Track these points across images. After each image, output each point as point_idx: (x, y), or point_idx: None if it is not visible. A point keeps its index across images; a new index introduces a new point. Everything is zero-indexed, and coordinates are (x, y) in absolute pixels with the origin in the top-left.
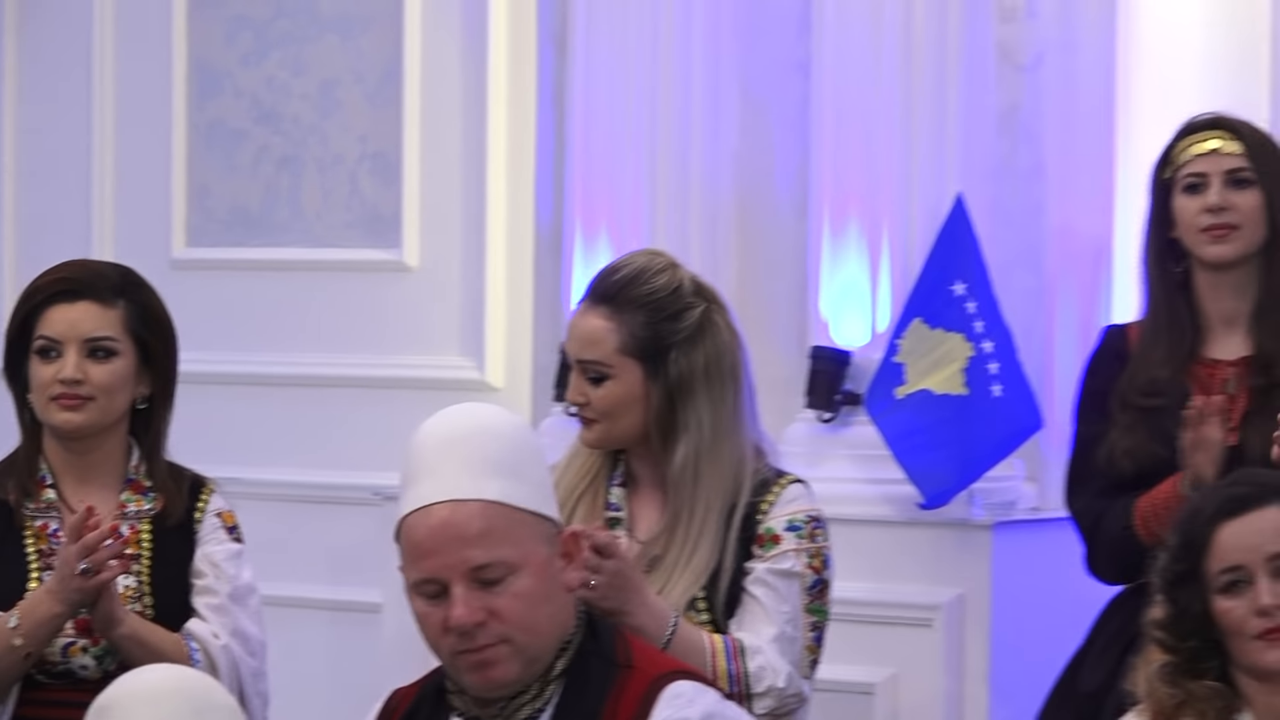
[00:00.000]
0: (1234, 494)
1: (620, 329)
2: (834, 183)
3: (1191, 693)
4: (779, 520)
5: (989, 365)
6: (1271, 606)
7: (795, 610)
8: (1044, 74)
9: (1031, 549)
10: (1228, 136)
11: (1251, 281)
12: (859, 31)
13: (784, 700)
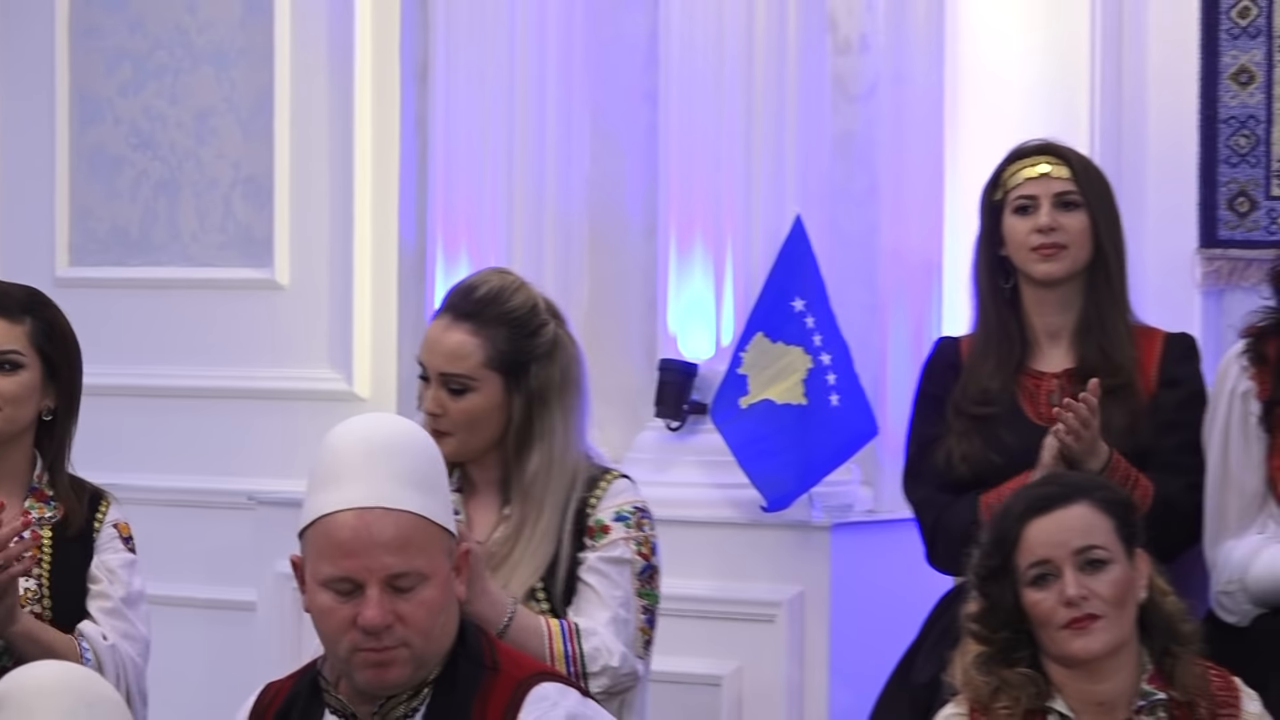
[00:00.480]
0: (1042, 493)
1: (485, 344)
2: (680, 205)
3: (1005, 680)
4: (608, 512)
5: (827, 376)
6: (1077, 597)
7: (627, 595)
8: (877, 103)
9: (868, 548)
10: (1056, 161)
11: (1076, 298)
12: (703, 64)
13: (619, 678)
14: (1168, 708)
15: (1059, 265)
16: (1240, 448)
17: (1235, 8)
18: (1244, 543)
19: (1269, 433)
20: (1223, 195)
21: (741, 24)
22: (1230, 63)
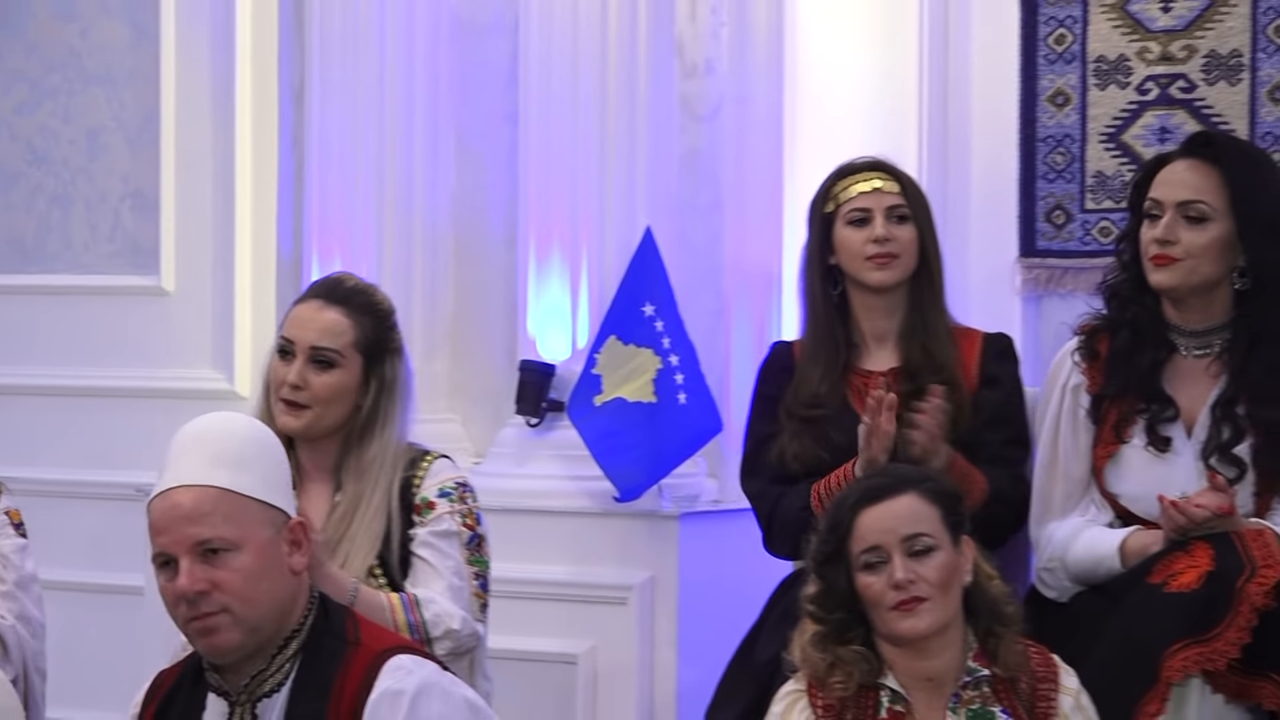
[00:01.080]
0: (873, 484)
1: (355, 327)
2: (539, 217)
3: (840, 657)
4: (432, 489)
5: (675, 376)
6: (904, 581)
7: (459, 563)
8: (721, 123)
9: (713, 536)
10: (887, 178)
11: (901, 303)
12: (559, 87)
13: (461, 640)
14: (991, 683)
15: (891, 273)
16: (1069, 437)
17: (1052, 35)
18: (1066, 524)
19: (1096, 424)
20: (1041, 208)
21: (595, 50)
22: (1048, 86)
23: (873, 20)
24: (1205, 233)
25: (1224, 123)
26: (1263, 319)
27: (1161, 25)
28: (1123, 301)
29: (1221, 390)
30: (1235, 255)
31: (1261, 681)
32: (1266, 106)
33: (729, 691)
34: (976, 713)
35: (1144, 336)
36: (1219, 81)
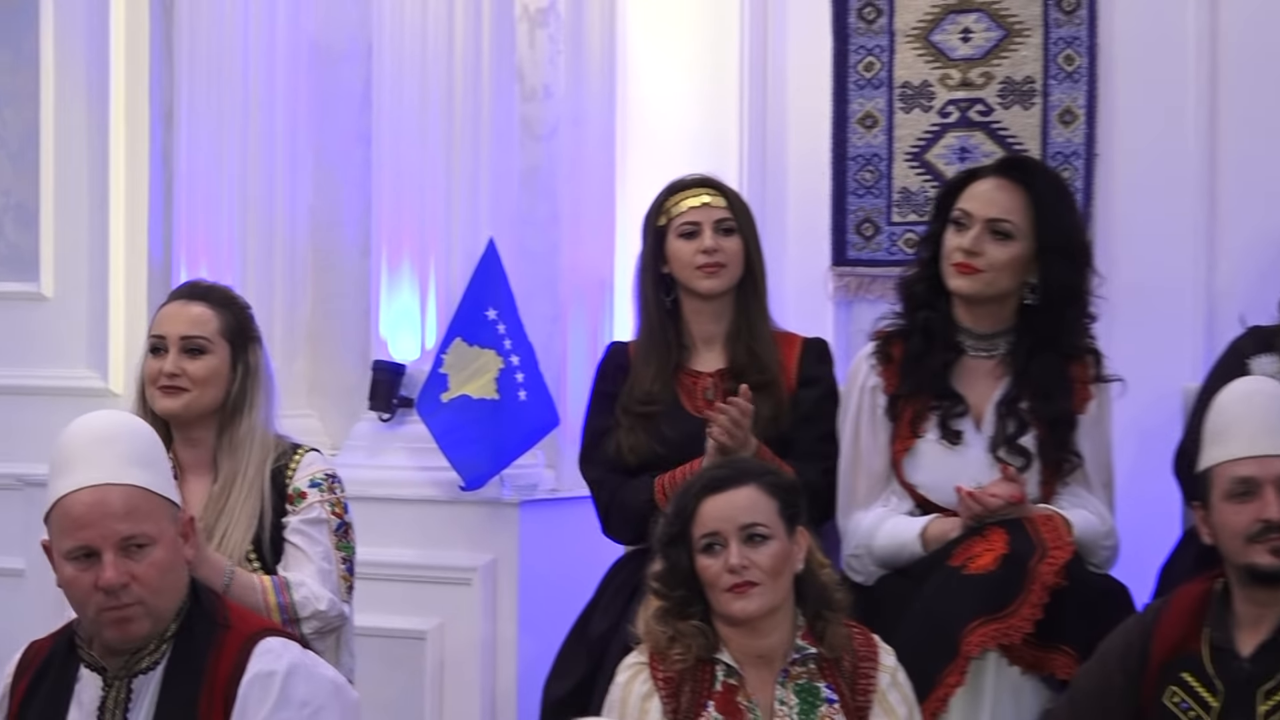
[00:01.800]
0: (718, 475)
1: (218, 317)
2: (390, 229)
3: (680, 631)
4: (303, 480)
5: (516, 375)
6: (739, 566)
7: (327, 549)
8: (558, 143)
9: (550, 522)
10: (715, 193)
11: (728, 309)
12: (409, 109)
13: (328, 620)
14: (817, 660)
15: (720, 281)
16: (869, 433)
17: (861, 62)
18: (870, 514)
19: (893, 421)
20: (851, 221)
21: (442, 75)
22: (857, 109)
23: (698, 49)
24: (1008, 249)
25: (1019, 144)
26: (1044, 328)
27: (961, 54)
28: (917, 301)
29: (1006, 389)
30: (1030, 272)
31: (1053, 653)
32: (1056, 128)
33: (565, 664)
34: (803, 687)
35: (934, 339)
36: (1014, 106)
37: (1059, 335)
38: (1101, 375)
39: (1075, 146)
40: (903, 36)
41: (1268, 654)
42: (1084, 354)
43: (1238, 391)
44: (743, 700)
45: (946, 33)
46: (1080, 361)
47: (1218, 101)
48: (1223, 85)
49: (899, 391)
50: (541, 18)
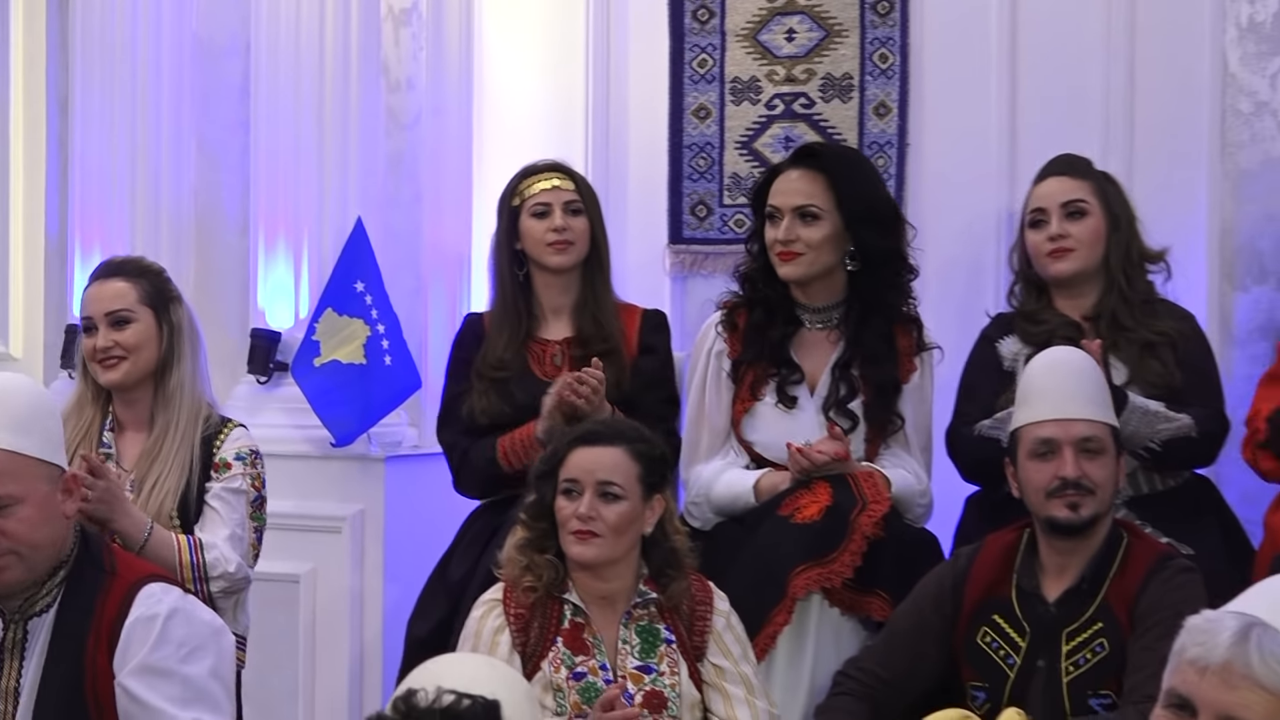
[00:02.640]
0: (595, 429)
1: (137, 288)
2: (267, 209)
3: (534, 562)
4: (230, 452)
5: (382, 342)
6: (586, 516)
7: (242, 518)
8: (420, 131)
9: (413, 476)
10: (564, 177)
11: (575, 283)
12: (284, 100)
13: (234, 582)
14: (658, 604)
15: (568, 257)
16: (713, 394)
17: (696, 59)
18: (710, 466)
19: (735, 383)
20: (686, 204)
21: (314, 69)
22: (692, 102)
23: (547, 45)
24: (819, 229)
25: (838, 134)
26: (871, 293)
27: (786, 52)
28: (755, 286)
29: (839, 354)
30: (845, 243)
31: (870, 597)
32: (872, 120)
33: (426, 605)
34: (644, 628)
35: (775, 314)
36: (834, 99)
37: (884, 294)
38: (923, 344)
39: (889, 136)
40: (733, 36)
41: (1072, 599)
42: (908, 323)
43: (1044, 361)
44: (588, 636)
45: (773, 33)
46: (905, 332)
47: (1017, 95)
48: (1021, 80)
49: (742, 358)
50: (405, 17)
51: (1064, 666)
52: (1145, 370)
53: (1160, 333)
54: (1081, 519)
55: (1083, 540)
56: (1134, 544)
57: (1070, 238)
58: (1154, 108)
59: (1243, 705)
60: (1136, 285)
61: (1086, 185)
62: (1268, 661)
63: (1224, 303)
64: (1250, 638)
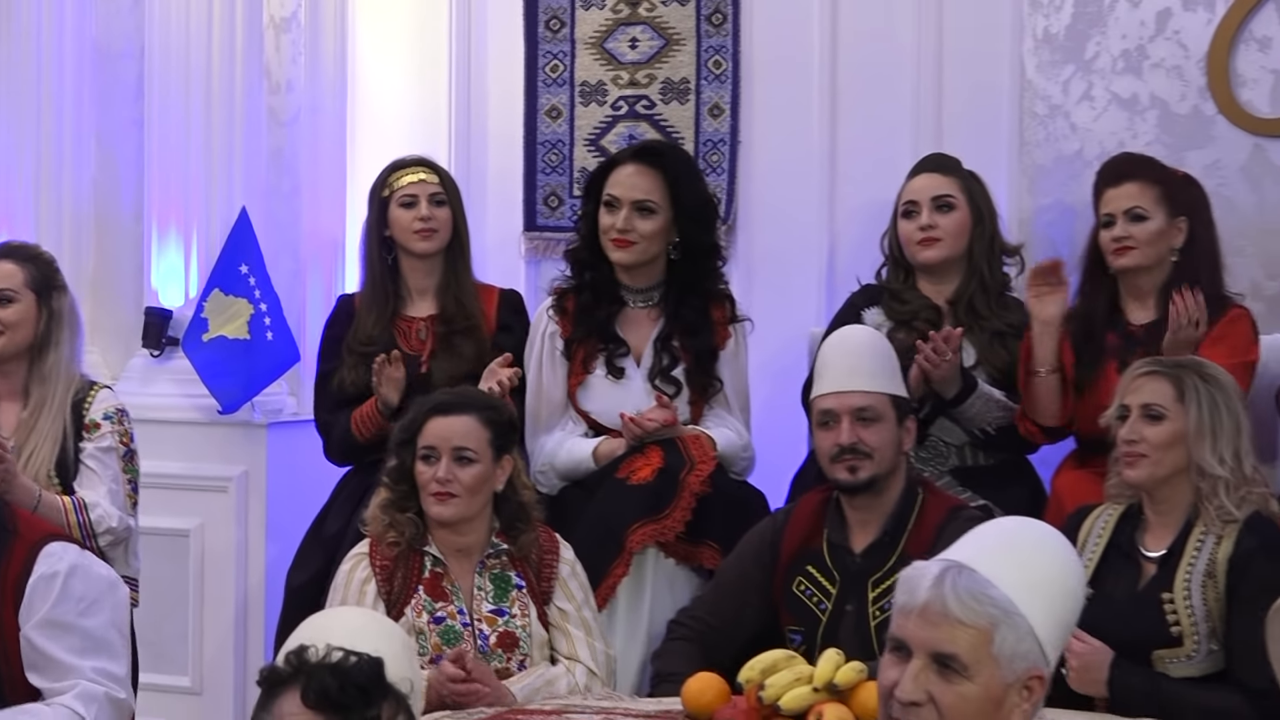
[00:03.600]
0: (448, 399)
1: (23, 271)
2: (160, 199)
3: (396, 520)
4: (98, 413)
5: (264, 319)
6: (444, 479)
7: (116, 472)
8: (299, 128)
9: (292, 440)
10: (429, 171)
11: (439, 266)
12: (175, 99)
13: (117, 534)
14: (509, 554)
15: (433, 244)
16: (549, 372)
17: (548, 65)
18: (553, 437)
19: (568, 360)
20: (539, 195)
21: (202, 72)
22: (545, 103)
23: (415, 53)
24: (654, 222)
25: (677, 133)
26: (688, 277)
27: (630, 59)
28: (582, 267)
29: (660, 329)
30: (672, 235)
31: (701, 547)
32: (707, 120)
33: (303, 557)
34: (497, 576)
35: (601, 296)
36: (672, 101)
37: (700, 281)
38: (735, 316)
39: (722, 135)
40: (582, 44)
41: (876, 551)
42: (722, 299)
43: (834, 339)
44: (447, 585)
45: (618, 41)
46: (719, 305)
47: (836, 98)
48: (840, 84)
49: (572, 337)
50: (285, 25)
51: (871, 611)
52: (993, 356)
53: (1010, 324)
54: (859, 480)
55: (876, 498)
56: (929, 499)
57: (938, 228)
58: (960, 109)
59: (946, 640)
60: (995, 275)
61: (955, 182)
62: (961, 598)
63: (1021, 285)
64: (945, 580)
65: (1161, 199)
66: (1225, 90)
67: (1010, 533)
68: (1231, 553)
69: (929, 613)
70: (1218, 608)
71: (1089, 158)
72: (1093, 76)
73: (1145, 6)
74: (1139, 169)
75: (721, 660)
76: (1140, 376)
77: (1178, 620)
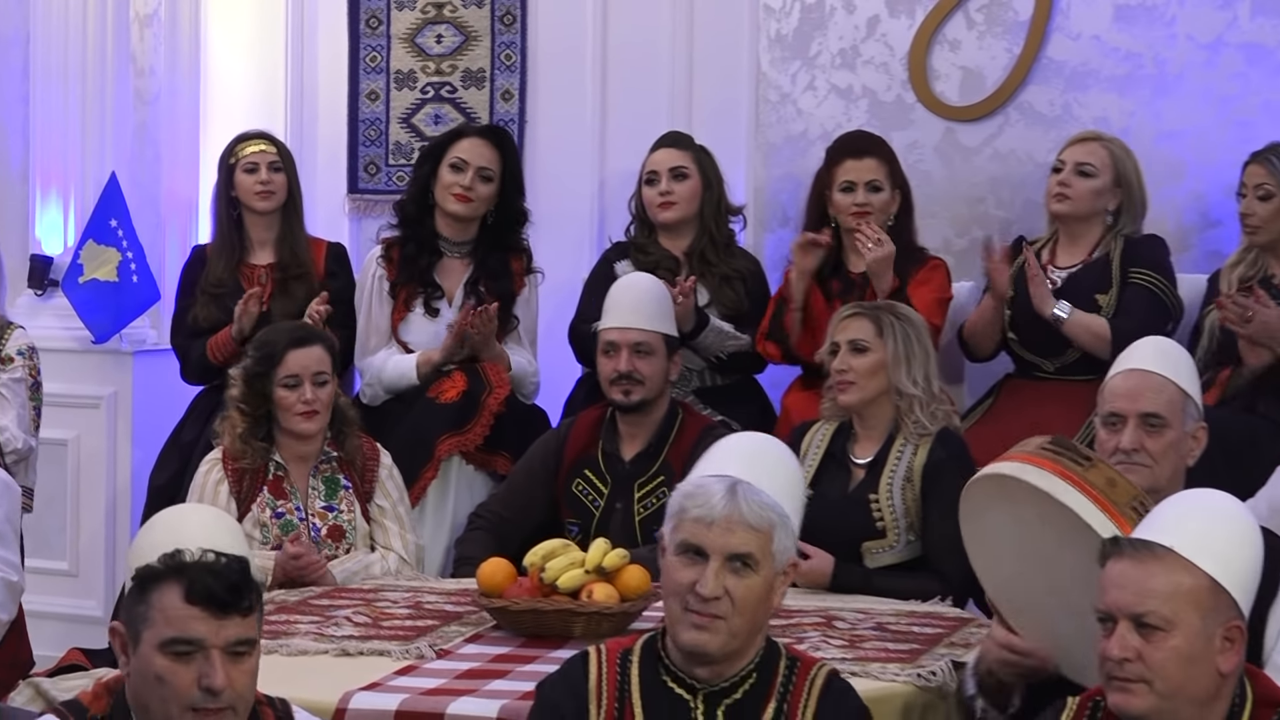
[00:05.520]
0: (301, 333)
1: None
2: (43, 164)
3: (250, 445)
4: (13, 349)
5: (130, 265)
6: (311, 399)
7: (24, 401)
8: (160, 107)
9: (154, 365)
10: (268, 143)
11: (276, 221)
12: (57, 79)
13: (21, 453)
14: (338, 460)
15: (271, 203)
16: (377, 308)
17: (368, 55)
18: (378, 356)
19: (393, 300)
20: (361, 163)
21: (79, 58)
22: (365, 88)
23: (258, 44)
24: (489, 188)
25: (475, 115)
26: (497, 235)
27: (436, 52)
28: (408, 217)
29: (470, 275)
30: (495, 200)
31: (497, 456)
32: (500, 104)
33: (164, 462)
34: (328, 478)
35: (423, 247)
36: (471, 88)
37: (506, 238)
38: (531, 268)
39: (512, 115)
40: (396, 39)
41: (642, 459)
42: (521, 253)
43: (622, 282)
44: (287, 486)
45: (426, 37)
46: (519, 258)
47: (606, 86)
48: (610, 75)
49: (397, 280)
50: (148, 20)
51: (636, 509)
52: (723, 297)
53: (735, 270)
54: (631, 402)
55: (645, 416)
56: (687, 419)
57: (674, 194)
58: (707, 96)
59: (741, 543)
60: (722, 231)
61: (689, 155)
62: (754, 508)
63: (758, 241)
64: (738, 494)
65: (890, 175)
66: (923, 83)
67: (758, 448)
68: (925, 461)
69: (730, 522)
70: (915, 506)
71: (812, 137)
72: (815, 71)
73: (858, 13)
74: (877, 147)
75: (511, 547)
76: (847, 318)
77: (881, 517)
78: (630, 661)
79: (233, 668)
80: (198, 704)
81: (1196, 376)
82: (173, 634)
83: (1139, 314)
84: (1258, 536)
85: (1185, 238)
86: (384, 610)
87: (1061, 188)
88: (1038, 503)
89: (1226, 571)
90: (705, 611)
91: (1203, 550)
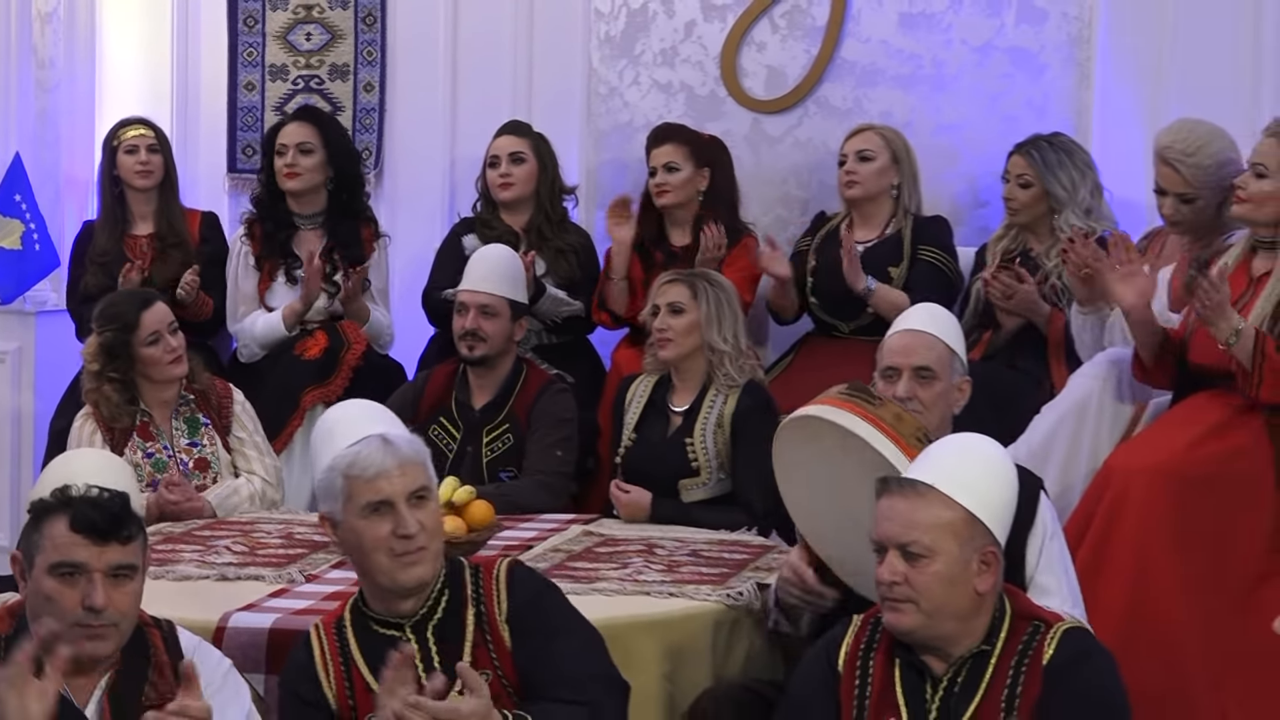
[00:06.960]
0: (146, 295)
1: None
2: None
3: (124, 410)
4: None
5: (33, 235)
6: (174, 347)
7: None
8: (59, 94)
9: (54, 325)
10: (147, 128)
11: (154, 197)
12: None
13: None
14: (196, 401)
15: (150, 180)
16: (244, 279)
17: (245, 51)
18: (249, 318)
19: (258, 271)
20: (239, 146)
21: None
22: (242, 79)
23: (147, 39)
24: (313, 158)
25: (340, 104)
26: (341, 204)
27: (306, 48)
28: (262, 204)
29: (324, 244)
30: (328, 170)
31: None
32: (363, 95)
33: (62, 410)
34: (189, 418)
35: (279, 225)
36: (337, 80)
37: (351, 205)
38: (378, 234)
39: (374, 105)
40: (271, 36)
41: (490, 409)
42: (368, 220)
43: (480, 251)
44: (153, 429)
45: (297, 35)
46: (367, 225)
47: (457, 80)
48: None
49: (260, 254)
50: (49, 17)
51: (484, 452)
52: (558, 268)
53: (569, 244)
54: (474, 357)
55: (491, 370)
56: (530, 373)
57: (513, 176)
58: (545, 89)
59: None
60: (557, 209)
61: (527, 142)
62: (412, 444)
63: (589, 218)
64: (390, 440)
65: (690, 155)
66: (733, 80)
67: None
68: (734, 409)
69: (404, 466)
70: (725, 449)
71: (637, 126)
72: (640, 68)
73: (677, 18)
74: (673, 134)
75: None
76: (666, 284)
77: (696, 458)
78: (345, 626)
79: (114, 590)
80: (82, 620)
81: (962, 337)
82: (59, 558)
83: (927, 287)
84: (1012, 474)
85: (958, 215)
86: (259, 540)
87: (849, 175)
88: (839, 438)
89: (981, 504)
90: (414, 548)
91: (961, 487)
